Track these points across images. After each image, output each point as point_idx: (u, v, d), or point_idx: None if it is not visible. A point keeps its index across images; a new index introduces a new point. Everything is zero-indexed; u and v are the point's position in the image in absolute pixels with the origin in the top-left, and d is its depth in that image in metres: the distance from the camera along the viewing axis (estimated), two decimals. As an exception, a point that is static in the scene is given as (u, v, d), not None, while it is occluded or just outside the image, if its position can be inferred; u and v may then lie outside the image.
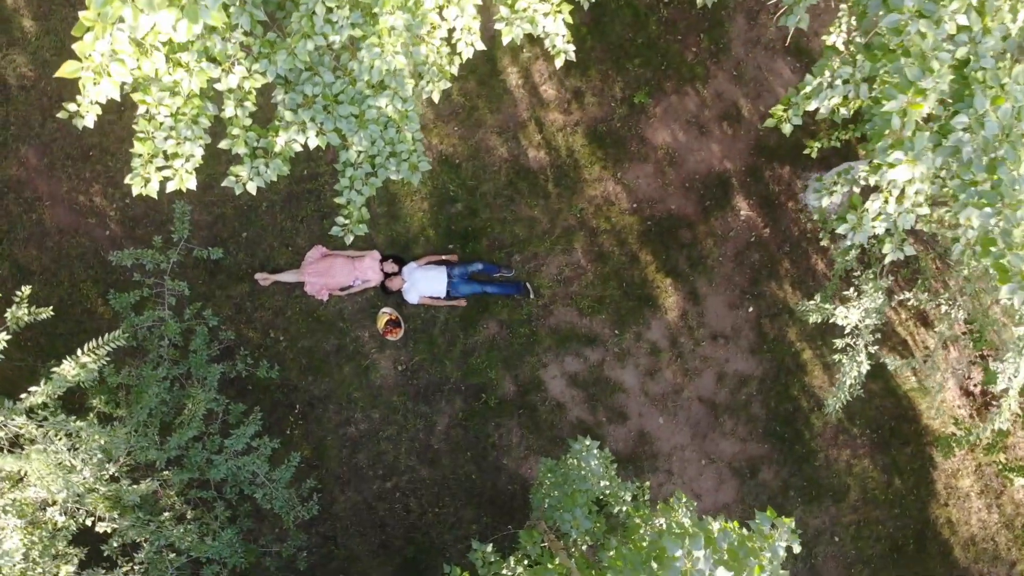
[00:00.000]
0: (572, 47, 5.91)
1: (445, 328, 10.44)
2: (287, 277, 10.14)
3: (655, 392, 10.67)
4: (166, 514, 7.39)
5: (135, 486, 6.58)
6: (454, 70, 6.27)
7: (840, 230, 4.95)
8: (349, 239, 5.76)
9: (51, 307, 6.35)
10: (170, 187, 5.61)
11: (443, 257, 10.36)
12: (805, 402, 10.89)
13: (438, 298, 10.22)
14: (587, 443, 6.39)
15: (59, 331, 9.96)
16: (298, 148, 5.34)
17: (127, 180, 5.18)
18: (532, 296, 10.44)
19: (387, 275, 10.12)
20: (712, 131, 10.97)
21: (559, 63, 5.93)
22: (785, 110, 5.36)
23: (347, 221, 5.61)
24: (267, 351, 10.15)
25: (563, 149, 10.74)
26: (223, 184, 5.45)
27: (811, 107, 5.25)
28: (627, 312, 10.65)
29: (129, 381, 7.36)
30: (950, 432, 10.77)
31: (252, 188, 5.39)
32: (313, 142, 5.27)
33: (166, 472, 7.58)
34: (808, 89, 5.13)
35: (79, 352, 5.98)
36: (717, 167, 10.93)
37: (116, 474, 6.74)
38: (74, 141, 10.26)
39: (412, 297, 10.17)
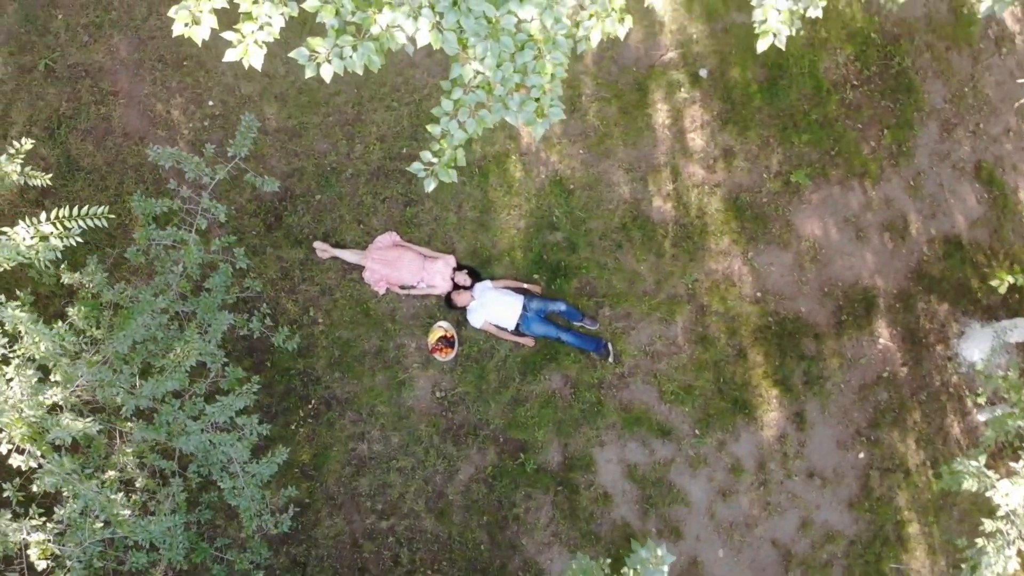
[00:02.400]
0: (787, 30, 4.44)
1: (502, 365, 8.88)
2: (348, 256, 8.83)
3: (723, 517, 8.81)
4: (111, 473, 5.92)
5: (72, 422, 5.13)
6: (622, 31, 4.85)
7: None
8: (430, 185, 4.32)
9: (50, 175, 5.05)
10: (228, 56, 4.30)
11: (524, 285, 8.88)
12: (897, 585, 8.89)
13: (505, 329, 8.71)
14: (659, 553, 4.62)
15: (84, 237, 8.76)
16: (402, 39, 3.97)
17: (171, 12, 3.88)
18: (611, 359, 8.81)
19: (456, 286, 8.69)
20: (870, 238, 9.32)
21: (763, 46, 4.45)
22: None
23: (435, 160, 4.18)
24: (300, 329, 8.75)
25: (694, 208, 9.22)
26: (290, 54, 4.10)
27: None
28: (716, 413, 8.90)
29: (121, 300, 5.99)
30: None
31: (327, 73, 4.03)
32: (424, 37, 3.89)
33: (129, 423, 6.15)
34: None
35: (42, 217, 4.64)
36: (866, 280, 9.23)
37: (60, 402, 5.34)
38: (172, 45, 9.23)
39: (476, 319, 8.68)
